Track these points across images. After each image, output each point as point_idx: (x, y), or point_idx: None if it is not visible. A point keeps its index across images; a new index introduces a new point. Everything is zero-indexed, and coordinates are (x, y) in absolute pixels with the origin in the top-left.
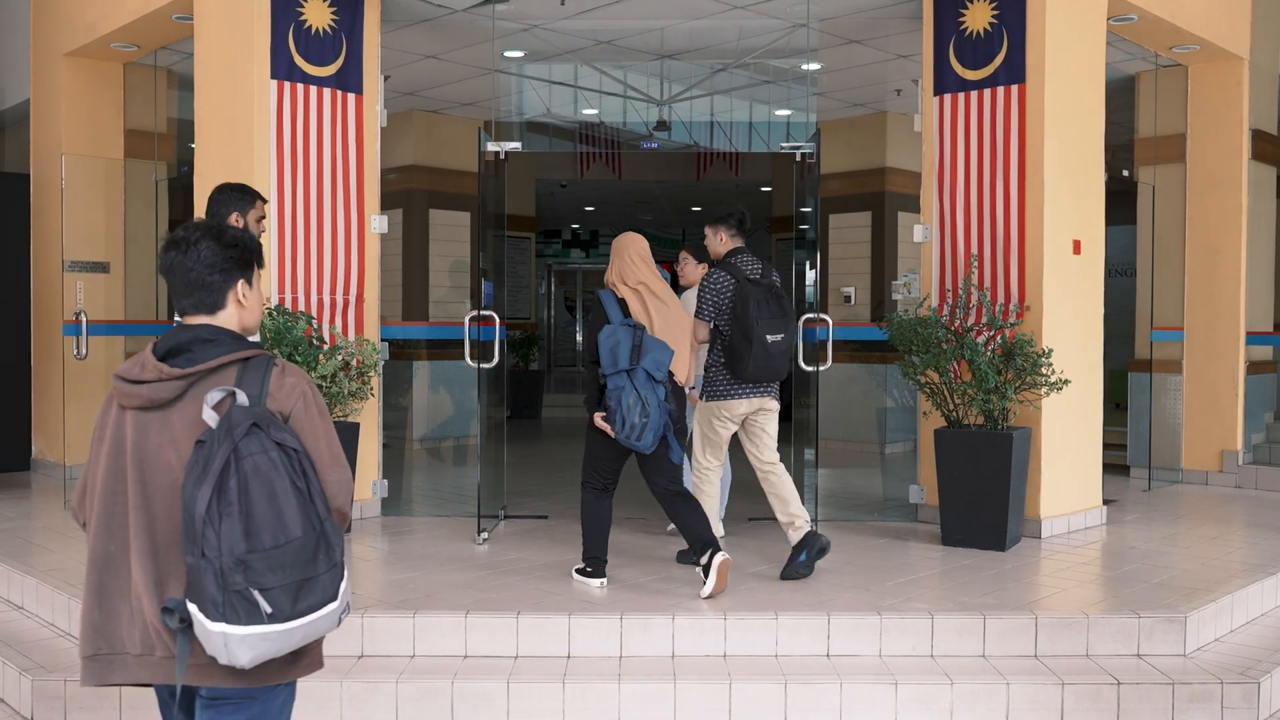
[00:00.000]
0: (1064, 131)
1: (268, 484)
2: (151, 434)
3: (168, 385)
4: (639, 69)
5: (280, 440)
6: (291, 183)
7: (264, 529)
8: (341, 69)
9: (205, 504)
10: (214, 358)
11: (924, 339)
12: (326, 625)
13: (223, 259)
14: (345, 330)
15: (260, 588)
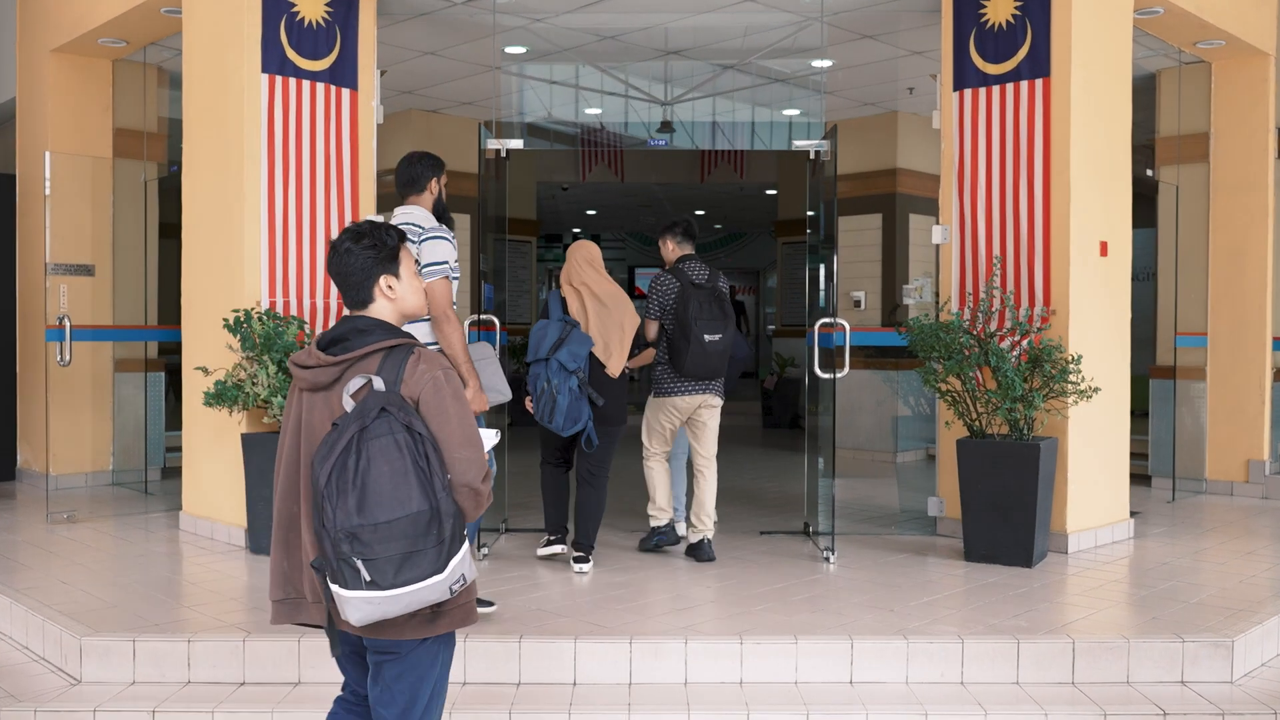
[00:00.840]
0: (1090, 127)
1: (390, 463)
2: (316, 411)
3: (326, 370)
4: (642, 69)
5: (408, 423)
6: (283, 181)
7: (379, 504)
8: (335, 63)
9: (325, 480)
10: (363, 346)
11: (946, 345)
12: (432, 595)
13: (363, 260)
14: None
15: (365, 558)
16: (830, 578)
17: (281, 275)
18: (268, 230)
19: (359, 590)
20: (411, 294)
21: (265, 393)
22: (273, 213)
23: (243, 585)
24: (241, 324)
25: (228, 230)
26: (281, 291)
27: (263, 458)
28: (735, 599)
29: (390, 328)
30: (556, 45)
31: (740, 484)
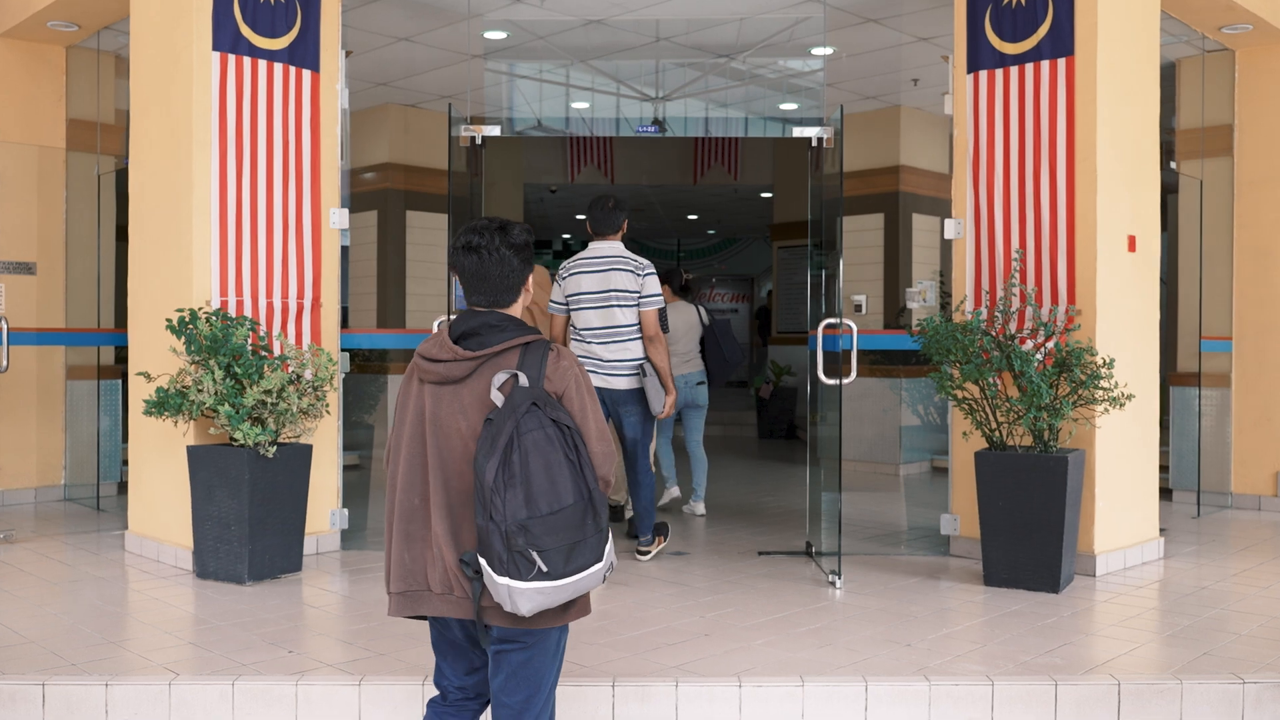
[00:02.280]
0: (1117, 111)
1: (545, 457)
2: (444, 405)
3: (461, 365)
4: (632, 64)
5: (556, 418)
6: (236, 169)
7: (541, 497)
8: (295, 42)
9: (493, 474)
10: (500, 342)
11: (964, 348)
12: (593, 582)
13: (518, 260)
14: (299, 338)
15: (538, 549)
16: (837, 605)
17: (234, 273)
18: (219, 224)
19: (533, 581)
20: (534, 288)
21: (211, 400)
22: (224, 205)
23: (182, 616)
24: (186, 325)
25: (175, 224)
26: (234, 290)
27: (210, 472)
28: (733, 631)
29: (521, 324)
30: (538, 34)
31: (736, 499)
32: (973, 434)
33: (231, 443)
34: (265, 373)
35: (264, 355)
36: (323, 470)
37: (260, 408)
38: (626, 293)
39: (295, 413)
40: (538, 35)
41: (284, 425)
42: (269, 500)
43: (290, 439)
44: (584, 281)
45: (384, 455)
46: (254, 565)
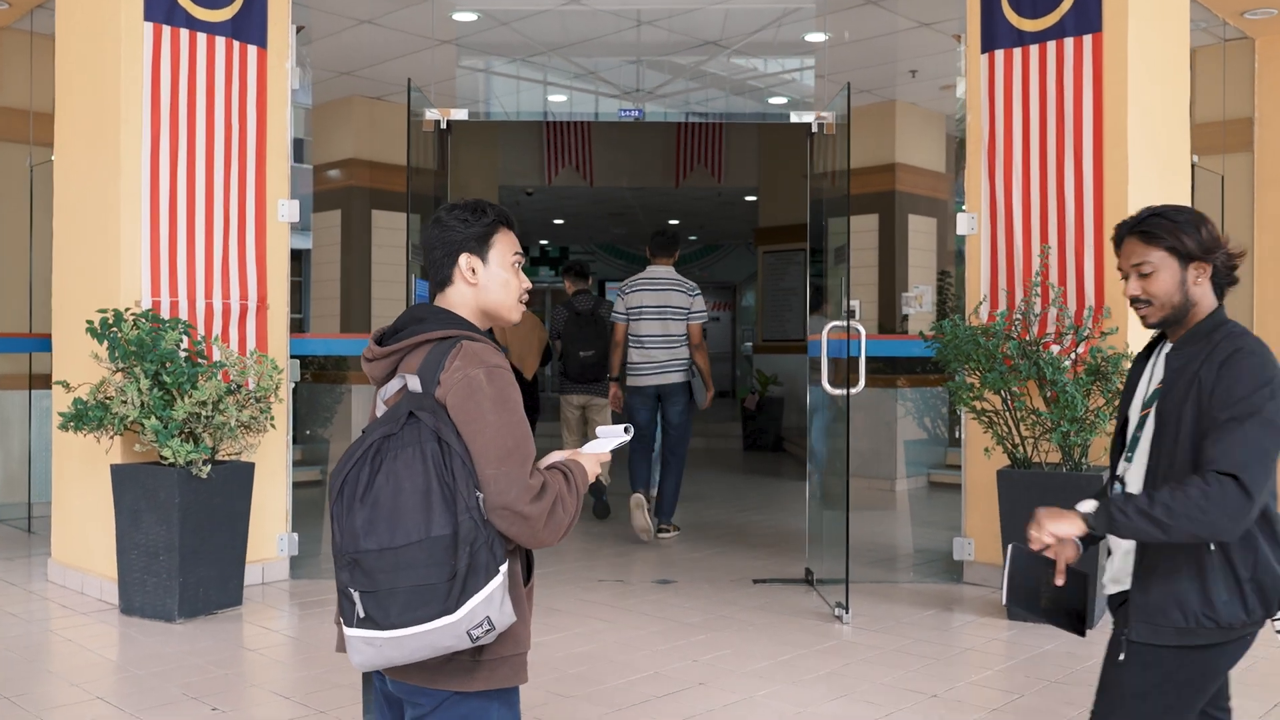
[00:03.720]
0: (1148, 93)
1: (408, 478)
2: (377, 411)
3: (380, 364)
4: (611, 49)
5: (437, 430)
6: (171, 154)
7: (386, 526)
8: (240, 14)
9: (335, 494)
10: (413, 335)
11: (988, 354)
12: (446, 640)
13: (450, 232)
14: (242, 344)
15: (362, 590)
16: (847, 644)
17: (168, 270)
18: (149, 214)
19: (355, 628)
20: (499, 286)
21: (135, 413)
22: (156, 194)
23: (95, 663)
24: (109, 328)
25: (101, 216)
26: (168, 290)
27: (136, 495)
28: (732, 679)
29: (450, 317)
30: (511, 20)
31: (725, 517)
32: (993, 450)
33: (161, 461)
34: (199, 382)
35: (198, 362)
36: (269, 490)
37: (193, 421)
38: (679, 309)
39: (234, 427)
40: (510, 20)
41: (222, 441)
42: (203, 526)
43: (230, 456)
44: (645, 298)
45: None
46: (185, 600)
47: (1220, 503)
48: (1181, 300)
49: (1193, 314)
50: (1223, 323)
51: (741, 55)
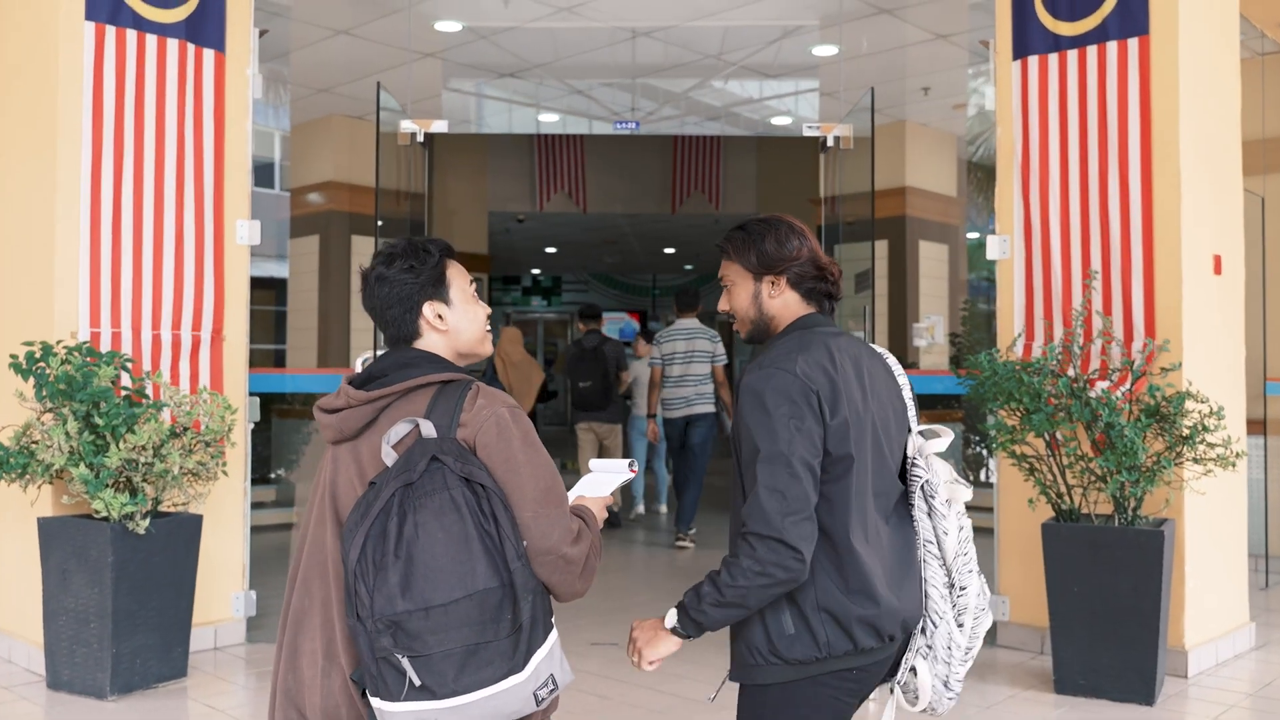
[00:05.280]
0: (1201, 103)
1: (445, 528)
2: (344, 469)
3: (356, 412)
4: (604, 68)
5: (467, 475)
6: (115, 168)
7: (432, 582)
8: (195, 14)
9: (358, 552)
10: (406, 379)
11: (1033, 393)
12: (514, 704)
13: (400, 286)
14: (194, 379)
15: (412, 654)
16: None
17: (109, 297)
18: (89, 235)
19: (406, 702)
20: (469, 323)
21: (62, 460)
22: (97, 211)
23: None
24: (36, 363)
25: (35, 236)
26: (109, 319)
27: (65, 552)
28: None
29: (443, 361)
30: (499, 28)
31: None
32: (1038, 502)
33: (92, 515)
34: (138, 424)
35: (140, 402)
36: (223, 544)
37: (130, 469)
38: (704, 353)
39: (178, 475)
40: (492, 35)
41: (165, 490)
42: (142, 587)
43: (176, 507)
44: (676, 345)
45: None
46: (119, 673)
47: (774, 562)
48: (758, 315)
49: (772, 328)
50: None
51: (743, 74)
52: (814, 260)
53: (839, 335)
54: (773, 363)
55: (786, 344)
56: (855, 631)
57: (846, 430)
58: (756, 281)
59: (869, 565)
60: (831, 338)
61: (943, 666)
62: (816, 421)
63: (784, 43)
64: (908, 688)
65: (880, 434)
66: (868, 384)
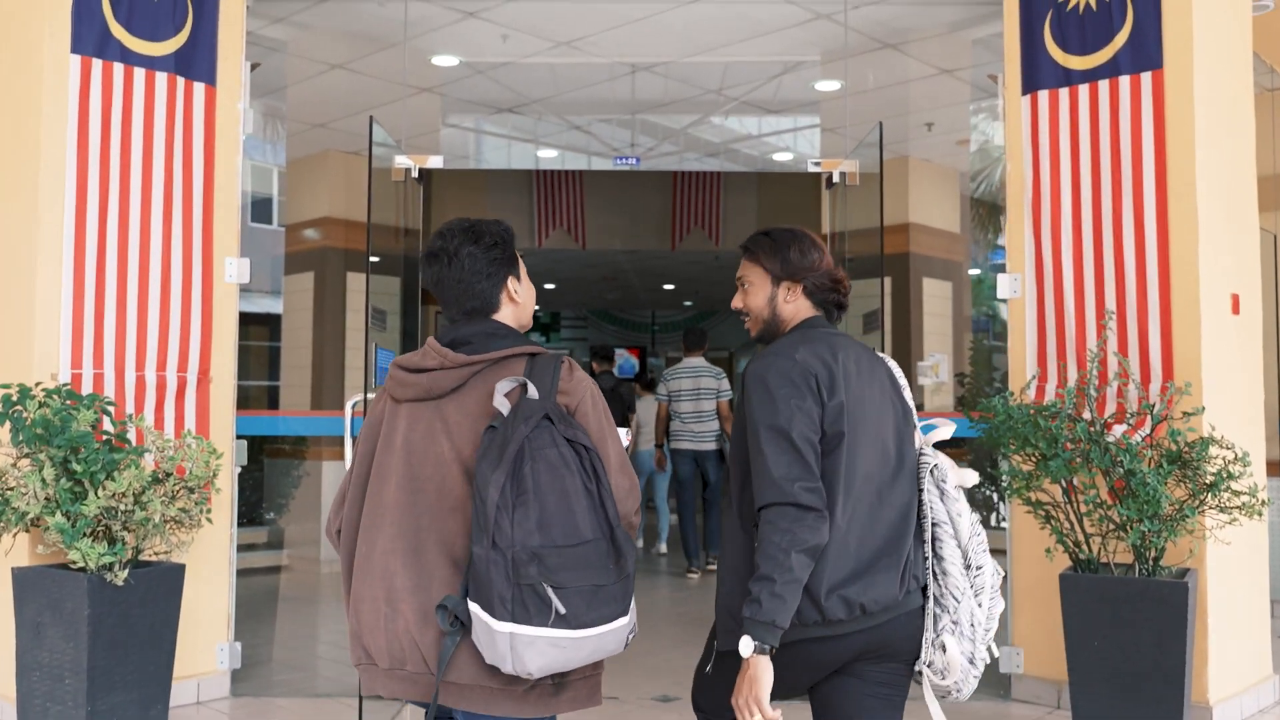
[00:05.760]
0: (1216, 139)
1: (559, 481)
2: (422, 426)
3: (450, 374)
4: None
5: (571, 436)
6: (100, 204)
7: (556, 525)
8: (185, 47)
9: (500, 489)
10: (500, 349)
11: (1052, 438)
12: (614, 643)
13: (487, 262)
14: (179, 422)
15: (555, 585)
16: None
17: (92, 337)
18: (72, 273)
19: (546, 628)
20: (530, 299)
21: (38, 508)
22: (81, 249)
23: None
24: (13, 406)
25: (16, 272)
26: (91, 360)
27: (39, 604)
28: None
29: (522, 335)
30: (496, 60)
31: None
32: (1055, 551)
33: (69, 565)
34: (119, 470)
35: (121, 447)
36: (207, 593)
37: (109, 517)
38: (710, 389)
39: (160, 523)
40: (489, 69)
41: (146, 539)
42: (120, 641)
43: (158, 555)
44: (682, 383)
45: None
46: None
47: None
48: (770, 316)
49: (781, 329)
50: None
51: (744, 109)
52: (830, 273)
53: (841, 335)
54: (775, 352)
55: (791, 338)
56: (825, 603)
57: (841, 411)
58: (775, 286)
59: (846, 541)
60: (834, 336)
61: (968, 643)
62: (815, 402)
63: (785, 78)
64: (934, 667)
65: (876, 421)
66: (866, 377)
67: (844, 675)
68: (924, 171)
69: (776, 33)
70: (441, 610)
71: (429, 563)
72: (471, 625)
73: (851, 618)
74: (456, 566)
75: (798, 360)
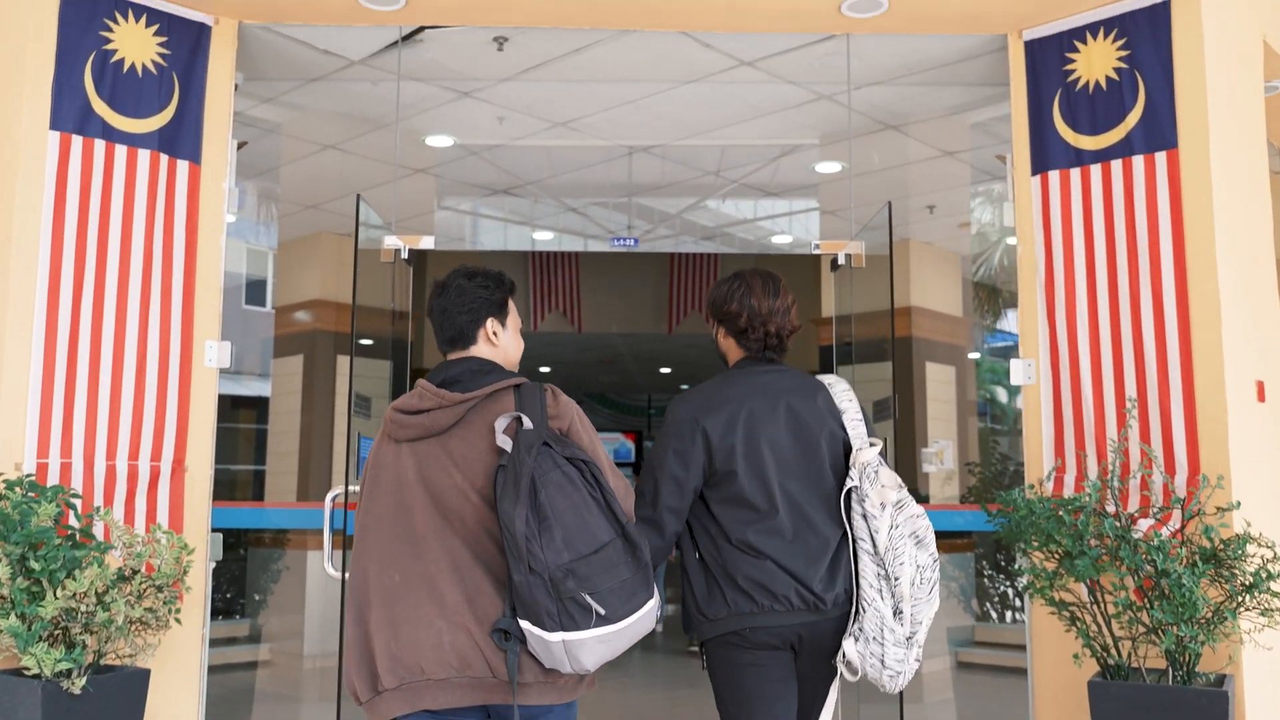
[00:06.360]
0: (1236, 221)
1: (568, 498)
2: (431, 462)
3: (447, 412)
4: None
5: (570, 455)
6: (75, 284)
7: (578, 538)
8: (170, 124)
9: (524, 520)
10: (487, 384)
11: (1077, 534)
12: (647, 624)
13: (473, 298)
14: (150, 514)
15: (591, 591)
16: None
17: (61, 423)
18: (42, 355)
19: (592, 629)
20: (514, 350)
21: None
22: (53, 330)
23: None
24: None
25: None
26: (59, 448)
27: None
28: None
29: (505, 370)
30: (491, 141)
31: None
32: (1084, 656)
33: (23, 671)
34: (82, 567)
35: (86, 543)
36: (174, 700)
37: (68, 618)
38: None
39: (124, 625)
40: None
41: (109, 642)
42: None
43: (122, 659)
44: None
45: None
46: None
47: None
48: (718, 350)
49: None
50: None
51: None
52: (750, 316)
53: (768, 374)
54: (688, 397)
55: (709, 383)
56: (752, 592)
57: (733, 452)
58: (713, 325)
59: (760, 545)
60: (750, 378)
61: (876, 646)
62: (702, 447)
63: (783, 160)
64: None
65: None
66: (770, 415)
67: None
68: (925, 254)
69: (776, 114)
70: (498, 632)
71: (474, 579)
72: (526, 638)
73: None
74: (497, 580)
75: (692, 409)
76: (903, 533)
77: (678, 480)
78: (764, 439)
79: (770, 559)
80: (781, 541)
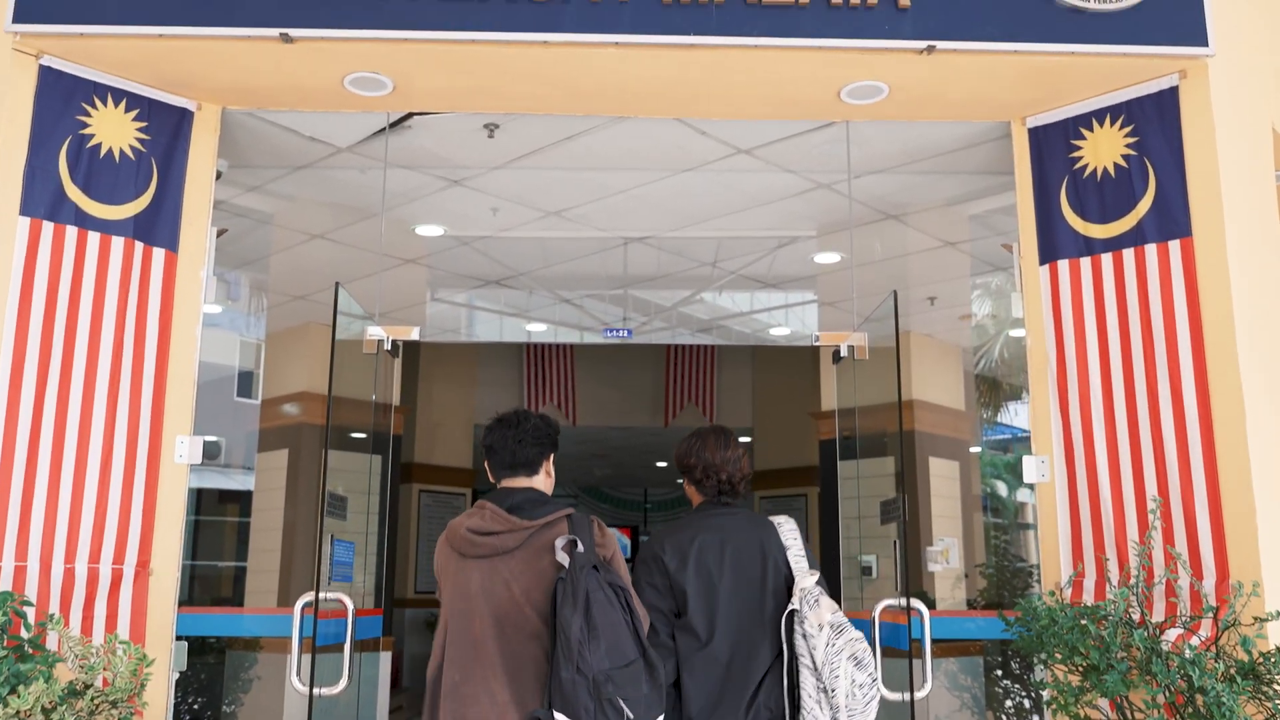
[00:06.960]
0: (1254, 310)
1: (609, 615)
2: (497, 576)
3: (514, 535)
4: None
5: (612, 580)
6: (39, 374)
7: (615, 651)
8: (147, 211)
9: (580, 627)
10: (547, 514)
11: (1104, 646)
12: None
13: (540, 435)
14: (110, 621)
15: (624, 697)
16: None
17: (17, 524)
18: (0, 451)
19: None
20: (553, 481)
21: None
22: (13, 424)
23: None
24: None
25: None
26: (14, 551)
27: None
28: None
29: (556, 499)
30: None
31: None
32: None
33: None
34: (26, 683)
35: (34, 654)
36: None
37: None
38: None
39: None
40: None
41: None
42: None
43: None
44: None
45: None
46: None
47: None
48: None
49: (693, 506)
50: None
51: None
52: (705, 467)
53: (719, 517)
54: (654, 537)
55: (677, 523)
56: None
57: (685, 589)
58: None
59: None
60: (705, 520)
61: None
62: (664, 580)
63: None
64: None
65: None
66: (718, 555)
67: None
68: (927, 347)
69: (774, 203)
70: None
71: (524, 679)
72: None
73: None
74: (540, 680)
75: (655, 547)
76: (840, 653)
77: (663, 612)
78: (712, 571)
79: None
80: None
